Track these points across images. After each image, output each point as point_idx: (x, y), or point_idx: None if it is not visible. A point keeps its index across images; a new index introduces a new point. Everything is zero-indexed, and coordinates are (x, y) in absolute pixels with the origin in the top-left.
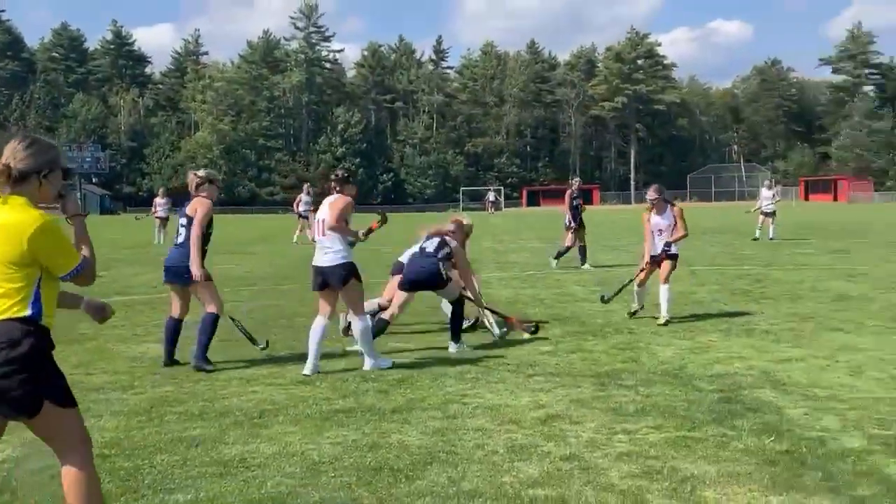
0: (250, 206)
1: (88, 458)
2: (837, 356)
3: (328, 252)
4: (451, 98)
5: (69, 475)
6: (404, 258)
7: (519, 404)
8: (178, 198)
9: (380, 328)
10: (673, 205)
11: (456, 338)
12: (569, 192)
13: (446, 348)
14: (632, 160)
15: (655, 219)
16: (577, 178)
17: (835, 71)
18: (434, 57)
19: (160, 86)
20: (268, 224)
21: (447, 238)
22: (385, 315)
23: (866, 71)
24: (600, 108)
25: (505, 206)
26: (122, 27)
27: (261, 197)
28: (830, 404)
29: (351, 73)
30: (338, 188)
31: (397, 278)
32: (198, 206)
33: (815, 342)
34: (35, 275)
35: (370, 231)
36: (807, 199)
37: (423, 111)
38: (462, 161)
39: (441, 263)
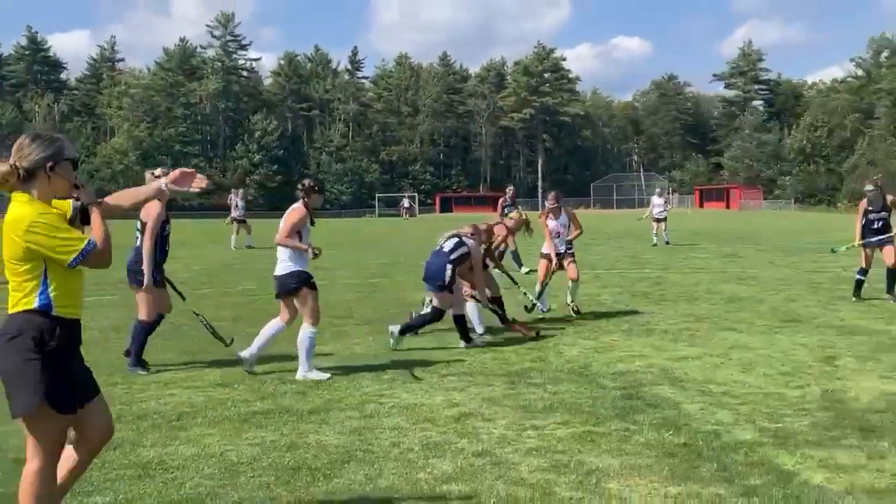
0: (167, 212)
1: (38, 459)
2: (730, 354)
3: (280, 261)
4: (367, 107)
5: (24, 471)
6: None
7: (434, 403)
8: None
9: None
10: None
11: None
12: (501, 199)
13: (362, 350)
14: (539, 169)
15: (552, 223)
16: (511, 187)
17: (727, 86)
18: (350, 67)
19: (76, 92)
20: (184, 229)
21: (464, 238)
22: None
23: (756, 86)
24: (509, 119)
25: (419, 213)
26: (37, 33)
27: (176, 202)
28: (724, 399)
29: (268, 82)
30: (304, 197)
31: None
32: (151, 211)
33: (709, 341)
34: (39, 268)
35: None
36: (702, 206)
37: (339, 119)
38: (377, 168)
39: (451, 265)
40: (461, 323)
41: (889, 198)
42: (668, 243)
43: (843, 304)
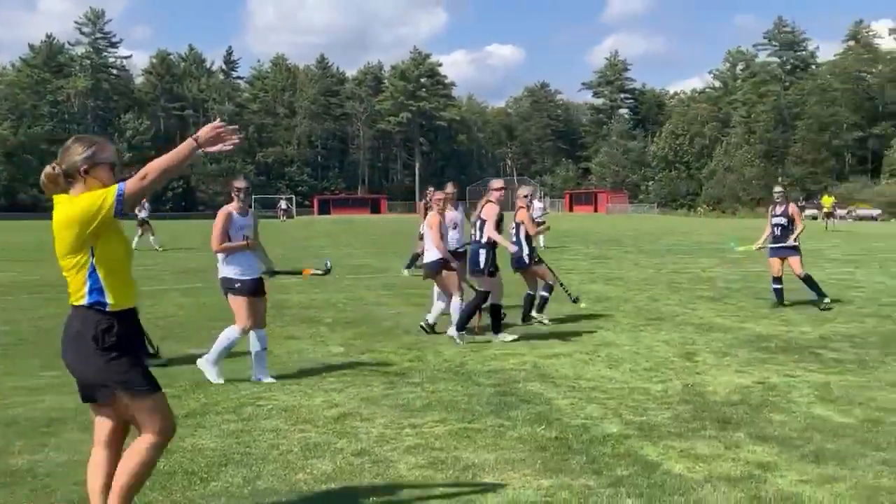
0: (32, 213)
1: (161, 445)
2: (598, 351)
3: (218, 265)
4: (242, 108)
5: (134, 448)
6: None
7: (313, 404)
8: None
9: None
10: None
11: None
12: (423, 202)
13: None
14: (416, 172)
15: (451, 213)
16: (431, 188)
17: (595, 94)
18: (224, 67)
19: None
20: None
21: (482, 214)
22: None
23: (622, 95)
24: (387, 122)
25: (297, 214)
26: None
27: (43, 203)
28: (593, 394)
29: (139, 80)
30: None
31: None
32: None
33: (579, 339)
34: (86, 262)
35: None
36: (571, 210)
37: (214, 120)
38: (253, 170)
39: (485, 249)
40: (496, 313)
41: (793, 206)
42: (543, 247)
43: (701, 302)
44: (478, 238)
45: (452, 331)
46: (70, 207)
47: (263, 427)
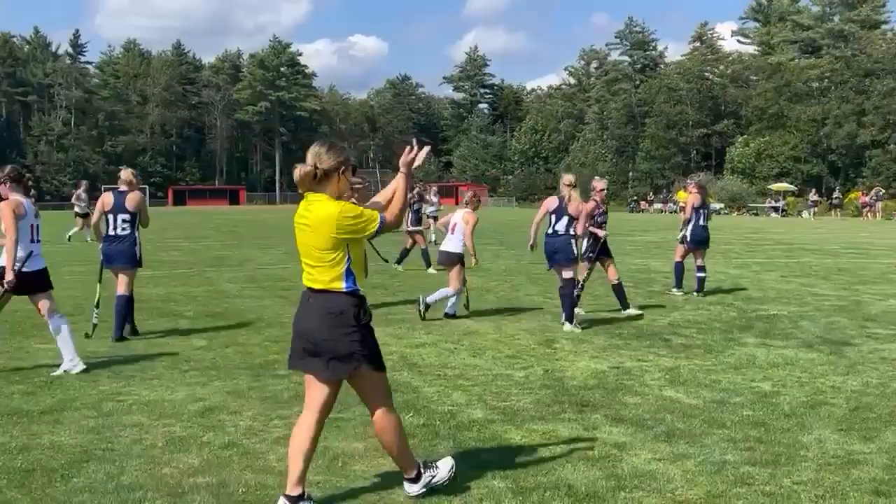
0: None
1: (392, 408)
2: (463, 340)
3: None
4: (92, 94)
5: (379, 423)
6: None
7: (176, 399)
8: None
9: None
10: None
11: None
12: (415, 191)
13: (99, 348)
14: (276, 163)
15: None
16: (421, 182)
17: (456, 89)
18: (72, 51)
19: None
20: None
21: (571, 210)
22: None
23: (482, 90)
24: (245, 112)
25: (151, 206)
26: None
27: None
28: (458, 382)
29: None
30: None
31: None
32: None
33: (443, 329)
34: (343, 257)
35: None
36: None
37: (61, 106)
38: (102, 159)
39: (572, 239)
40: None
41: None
42: (434, 242)
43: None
44: (560, 231)
45: (568, 326)
46: (335, 213)
47: (125, 422)
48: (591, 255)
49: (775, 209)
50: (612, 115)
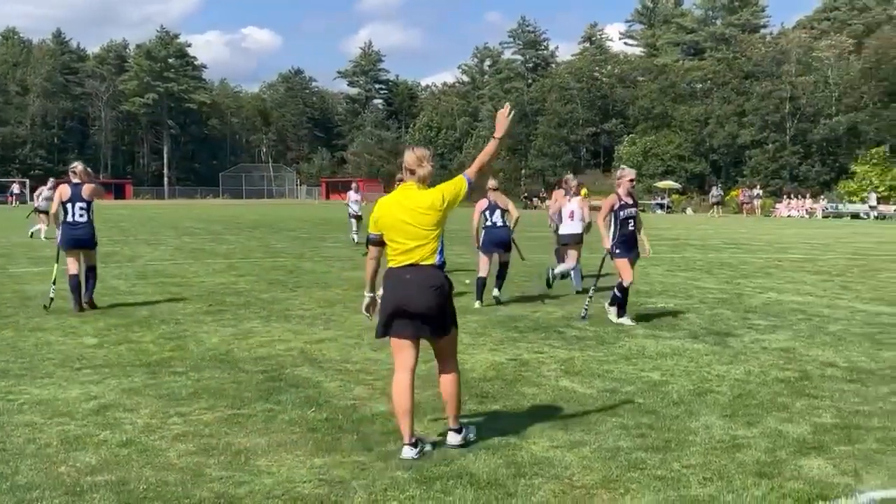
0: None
1: (456, 362)
2: (364, 335)
3: None
4: None
5: (451, 376)
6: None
7: (70, 397)
8: None
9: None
10: None
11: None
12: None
13: None
14: (165, 157)
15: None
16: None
17: (350, 84)
18: None
19: None
20: None
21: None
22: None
23: (376, 85)
24: (131, 103)
25: (31, 199)
26: None
27: None
28: (360, 376)
29: None
30: None
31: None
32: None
33: (344, 324)
34: (440, 234)
35: None
36: (328, 198)
37: None
38: None
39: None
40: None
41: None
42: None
43: (458, 287)
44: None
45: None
46: (432, 196)
47: (17, 422)
48: (616, 251)
49: (661, 206)
50: None
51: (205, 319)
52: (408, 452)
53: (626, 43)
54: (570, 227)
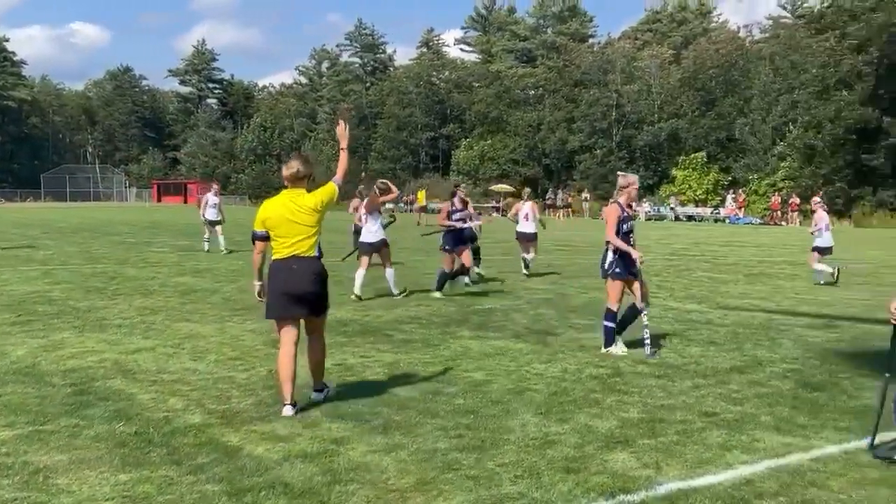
0: None
1: (324, 336)
2: (183, 344)
3: None
4: None
5: (319, 346)
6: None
7: None
8: None
9: None
10: None
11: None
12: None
13: None
14: None
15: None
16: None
17: (182, 83)
18: None
19: None
20: None
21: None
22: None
23: (210, 85)
24: None
25: None
26: None
27: None
28: (176, 387)
29: None
30: None
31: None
32: None
33: (164, 333)
34: (319, 231)
35: None
36: (160, 200)
37: None
38: None
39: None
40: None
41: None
42: (225, 251)
43: None
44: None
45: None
46: (315, 199)
47: None
48: (615, 270)
49: (496, 209)
50: (343, 116)
51: (11, 331)
52: (288, 411)
53: (462, 49)
54: (525, 227)
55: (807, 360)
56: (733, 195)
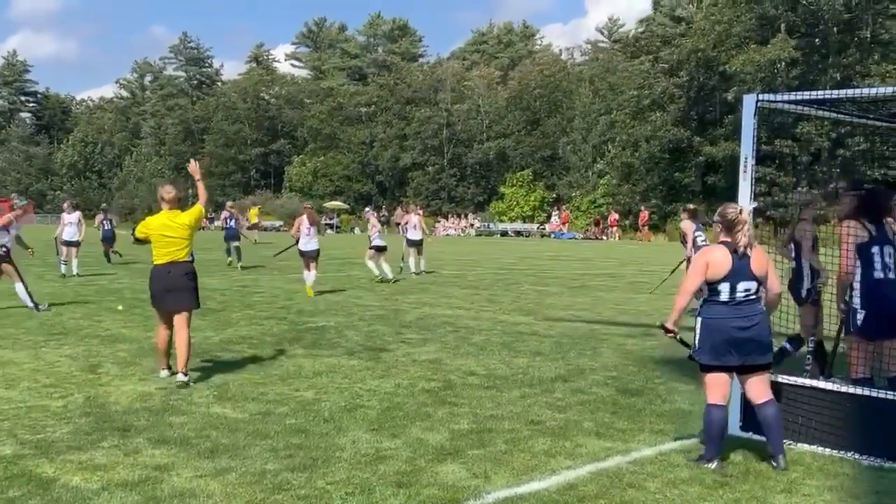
0: None
1: (189, 328)
2: None
3: None
4: None
5: (185, 335)
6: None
7: None
8: None
9: None
10: None
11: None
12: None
13: None
14: None
15: None
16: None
17: None
18: None
19: None
20: None
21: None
22: None
23: (23, 98)
24: None
25: None
26: None
27: None
28: None
29: None
30: None
31: None
32: None
33: None
34: (191, 242)
35: None
36: None
37: None
38: None
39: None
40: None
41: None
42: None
43: (106, 315)
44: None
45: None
46: (188, 217)
47: None
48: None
49: (330, 226)
50: (168, 131)
51: None
52: (164, 374)
53: (292, 64)
54: (413, 235)
55: (625, 367)
56: (557, 211)
